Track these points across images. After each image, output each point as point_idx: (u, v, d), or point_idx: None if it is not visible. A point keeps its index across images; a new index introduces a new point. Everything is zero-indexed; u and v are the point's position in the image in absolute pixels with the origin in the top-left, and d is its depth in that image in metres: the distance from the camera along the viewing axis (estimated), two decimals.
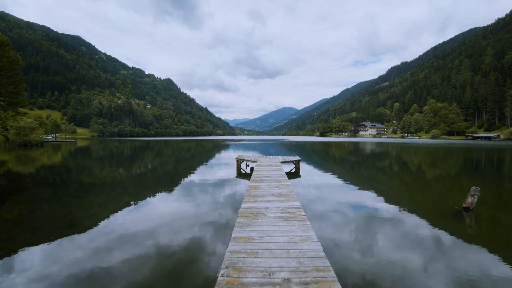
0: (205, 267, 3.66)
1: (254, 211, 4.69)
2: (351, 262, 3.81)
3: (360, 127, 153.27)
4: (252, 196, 5.78)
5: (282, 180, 7.63)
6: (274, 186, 6.71)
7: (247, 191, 6.23)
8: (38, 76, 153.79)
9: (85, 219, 5.84)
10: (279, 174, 8.81)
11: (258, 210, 4.72)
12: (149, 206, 6.95)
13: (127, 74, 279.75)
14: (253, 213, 4.54)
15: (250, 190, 6.35)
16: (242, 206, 4.96)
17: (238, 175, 11.74)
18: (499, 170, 15.11)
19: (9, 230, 5.17)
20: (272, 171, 9.38)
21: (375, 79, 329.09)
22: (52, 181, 11.25)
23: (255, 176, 8.26)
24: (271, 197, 5.64)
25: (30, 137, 34.78)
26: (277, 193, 6.00)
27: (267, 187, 6.69)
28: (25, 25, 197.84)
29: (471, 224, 5.61)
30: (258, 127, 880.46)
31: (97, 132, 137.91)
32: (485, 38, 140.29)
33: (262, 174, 8.84)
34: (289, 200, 5.37)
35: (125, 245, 4.35)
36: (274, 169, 9.88)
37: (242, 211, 4.69)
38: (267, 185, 6.95)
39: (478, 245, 4.40)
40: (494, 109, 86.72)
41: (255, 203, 5.18)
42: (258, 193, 6.04)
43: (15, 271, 3.53)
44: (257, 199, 5.48)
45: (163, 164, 17.75)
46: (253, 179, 7.84)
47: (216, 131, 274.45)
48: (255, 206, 5.00)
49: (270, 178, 8.00)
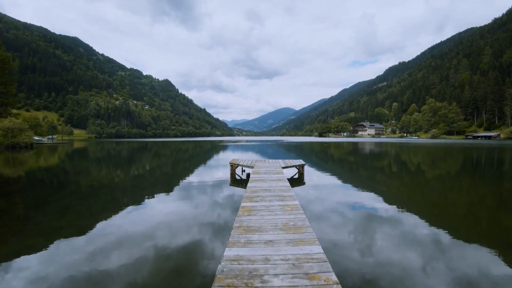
0: None
1: (243, 271, 2.48)
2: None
3: (358, 127, 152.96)
4: (243, 230, 3.63)
5: (288, 197, 5.62)
6: (277, 209, 4.70)
7: (237, 219, 4.16)
8: (34, 77, 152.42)
9: (82, 222, 5.74)
10: (282, 186, 6.86)
11: (251, 270, 2.50)
12: (127, 217, 6.13)
13: (125, 75, 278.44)
14: (242, 278, 2.38)
15: (241, 216, 4.29)
16: (224, 258, 2.75)
17: (233, 183, 10.27)
18: (499, 169, 14.85)
19: (5, 233, 5.10)
20: (272, 182, 7.53)
21: (373, 79, 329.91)
22: (40, 185, 10.41)
23: (250, 190, 6.42)
24: (274, 234, 3.49)
25: (19, 139, 33.52)
26: (283, 222, 3.94)
27: (267, 210, 4.66)
28: (22, 26, 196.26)
29: (470, 224, 5.63)
30: (257, 128, 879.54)
31: (94, 134, 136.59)
32: (483, 37, 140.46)
33: (260, 186, 6.94)
34: (303, 241, 3.20)
35: (123, 247, 4.30)
36: (275, 179, 8.04)
37: (224, 271, 2.49)
38: (266, 206, 4.92)
39: (478, 245, 4.32)
40: (493, 108, 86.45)
41: (247, 249, 2.98)
42: (252, 223, 3.94)
43: (13, 275, 3.48)
44: (251, 238, 3.33)
45: (149, 171, 16.92)
46: (247, 194, 5.93)
47: (214, 132, 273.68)
48: (246, 256, 2.78)
49: (270, 193, 6.03)
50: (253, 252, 2.92)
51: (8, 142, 32.72)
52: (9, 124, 32.77)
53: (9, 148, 32.19)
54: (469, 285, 3.17)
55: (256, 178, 8.12)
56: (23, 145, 34.08)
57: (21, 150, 30.96)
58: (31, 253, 4.09)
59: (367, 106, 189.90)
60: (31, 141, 36.51)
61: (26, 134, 35.09)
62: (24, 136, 34.51)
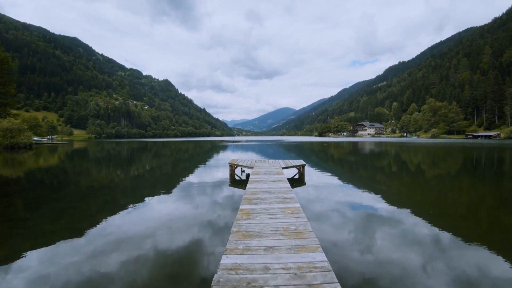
0: None
1: (241, 282, 2.35)
2: None
3: (358, 127, 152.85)
4: (241, 235, 3.46)
5: (288, 199, 5.48)
6: (278, 212, 4.54)
7: (235, 223, 3.99)
8: (34, 77, 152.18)
9: (81, 222, 5.72)
10: (282, 187, 6.69)
11: (250, 280, 2.37)
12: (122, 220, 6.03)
13: (125, 75, 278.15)
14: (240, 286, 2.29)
15: (240, 220, 4.12)
16: (220, 267, 2.62)
17: (232, 183, 10.08)
18: (499, 169, 14.78)
19: (5, 234, 5.10)
20: (272, 183, 7.33)
21: (372, 79, 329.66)
22: (40, 185, 10.31)
23: (249, 191, 6.23)
24: (274, 239, 3.33)
25: (17, 139, 33.37)
26: (283, 227, 3.77)
27: (267, 213, 4.48)
28: (21, 27, 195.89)
29: (470, 224, 5.59)
30: (257, 128, 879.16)
31: (94, 134, 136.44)
32: (482, 37, 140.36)
33: (260, 187, 6.73)
34: (305, 248, 3.04)
35: (123, 247, 4.30)
36: (275, 179, 7.83)
37: (220, 282, 2.37)
38: (266, 209, 4.74)
39: (477, 245, 4.29)
40: (493, 107, 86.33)
41: (245, 257, 2.84)
42: (252, 228, 3.75)
43: (13, 275, 3.47)
44: (250, 244, 3.17)
45: (145, 173, 16.81)
46: (246, 196, 5.75)
47: (214, 132, 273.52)
48: (244, 265, 2.65)
49: (270, 195, 5.86)
50: (251, 260, 2.76)
51: (7, 142, 32.61)
52: (8, 125, 32.67)
53: (8, 149, 32.09)
54: (469, 285, 3.18)
55: (255, 179, 7.89)
56: (22, 146, 33.98)
57: (20, 150, 30.85)
58: (31, 254, 4.07)
59: (367, 105, 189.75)
60: (30, 141, 36.41)
61: (25, 135, 34.99)
62: (23, 136, 34.41)
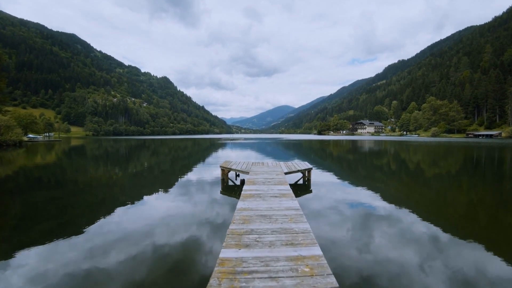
0: None
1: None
2: None
3: (358, 125, 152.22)
4: None
5: (301, 234, 3.36)
6: (283, 259, 2.68)
7: (214, 276, 2.36)
8: (31, 74, 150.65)
9: (80, 220, 5.73)
10: (288, 209, 4.57)
11: None
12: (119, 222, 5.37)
13: (123, 72, 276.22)
14: None
15: (223, 266, 2.53)
16: None
17: (224, 191, 8.41)
18: (499, 169, 14.50)
19: (3, 232, 5.09)
20: (273, 199, 5.30)
21: (372, 77, 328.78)
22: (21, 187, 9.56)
23: (239, 217, 4.10)
24: None
25: (6, 137, 32.20)
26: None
27: (267, 276, 2.37)
28: (18, 23, 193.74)
29: (468, 223, 5.56)
30: (256, 126, 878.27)
31: (92, 131, 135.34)
32: (483, 36, 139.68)
33: (256, 207, 4.69)
34: None
35: (121, 245, 4.28)
36: (277, 193, 5.82)
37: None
38: (263, 261, 2.66)
39: (476, 244, 4.27)
40: (494, 106, 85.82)
41: None
42: None
43: (12, 273, 3.47)
44: None
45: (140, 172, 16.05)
46: (234, 228, 3.59)
47: (213, 129, 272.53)
48: None
49: (271, 225, 3.74)
50: None
51: None
52: None
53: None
54: (467, 283, 3.15)
55: (250, 193, 5.92)
56: (11, 143, 32.85)
57: (8, 148, 29.81)
58: (29, 252, 4.06)
59: (366, 104, 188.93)
60: (20, 138, 35.36)
61: (14, 132, 33.92)
62: (12, 133, 33.33)
